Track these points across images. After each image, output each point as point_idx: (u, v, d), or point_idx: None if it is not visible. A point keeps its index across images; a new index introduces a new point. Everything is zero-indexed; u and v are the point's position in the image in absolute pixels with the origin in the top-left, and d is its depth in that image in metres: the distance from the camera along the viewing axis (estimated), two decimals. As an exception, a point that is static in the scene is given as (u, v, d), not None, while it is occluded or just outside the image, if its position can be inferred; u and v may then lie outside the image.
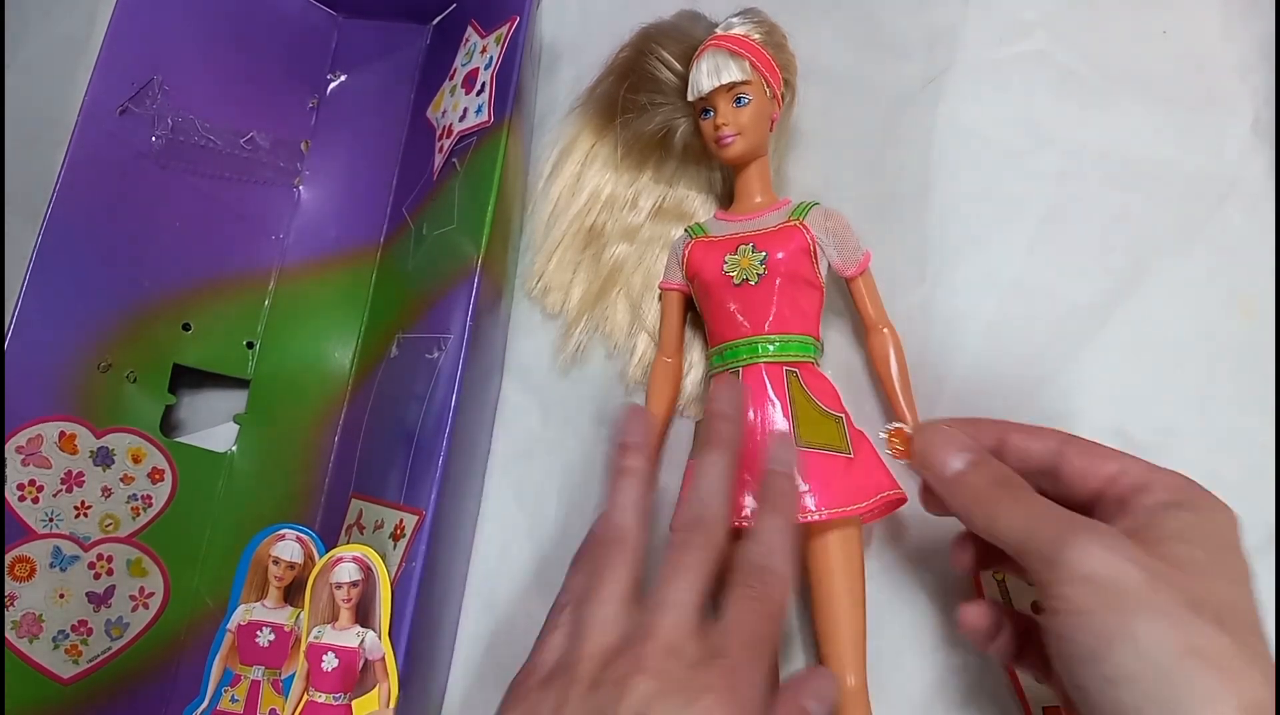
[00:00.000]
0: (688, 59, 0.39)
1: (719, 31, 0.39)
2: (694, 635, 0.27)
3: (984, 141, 0.42)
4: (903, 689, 0.36)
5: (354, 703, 0.34)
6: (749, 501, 0.34)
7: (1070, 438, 0.31)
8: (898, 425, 0.34)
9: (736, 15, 0.39)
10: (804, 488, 0.34)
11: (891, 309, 0.39)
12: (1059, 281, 0.40)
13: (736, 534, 0.32)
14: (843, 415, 0.37)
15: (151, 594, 0.40)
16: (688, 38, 0.39)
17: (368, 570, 0.36)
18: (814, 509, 0.34)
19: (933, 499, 0.33)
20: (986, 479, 0.30)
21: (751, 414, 0.36)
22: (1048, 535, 0.27)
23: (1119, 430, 0.38)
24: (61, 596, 0.37)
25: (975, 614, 0.31)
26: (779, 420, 0.36)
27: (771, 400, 0.36)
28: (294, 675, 0.36)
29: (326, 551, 0.37)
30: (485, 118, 0.42)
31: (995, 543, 0.29)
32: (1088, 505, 0.29)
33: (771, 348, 0.37)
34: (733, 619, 0.28)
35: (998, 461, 0.31)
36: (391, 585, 0.35)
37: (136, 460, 0.41)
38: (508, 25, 0.43)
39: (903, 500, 0.35)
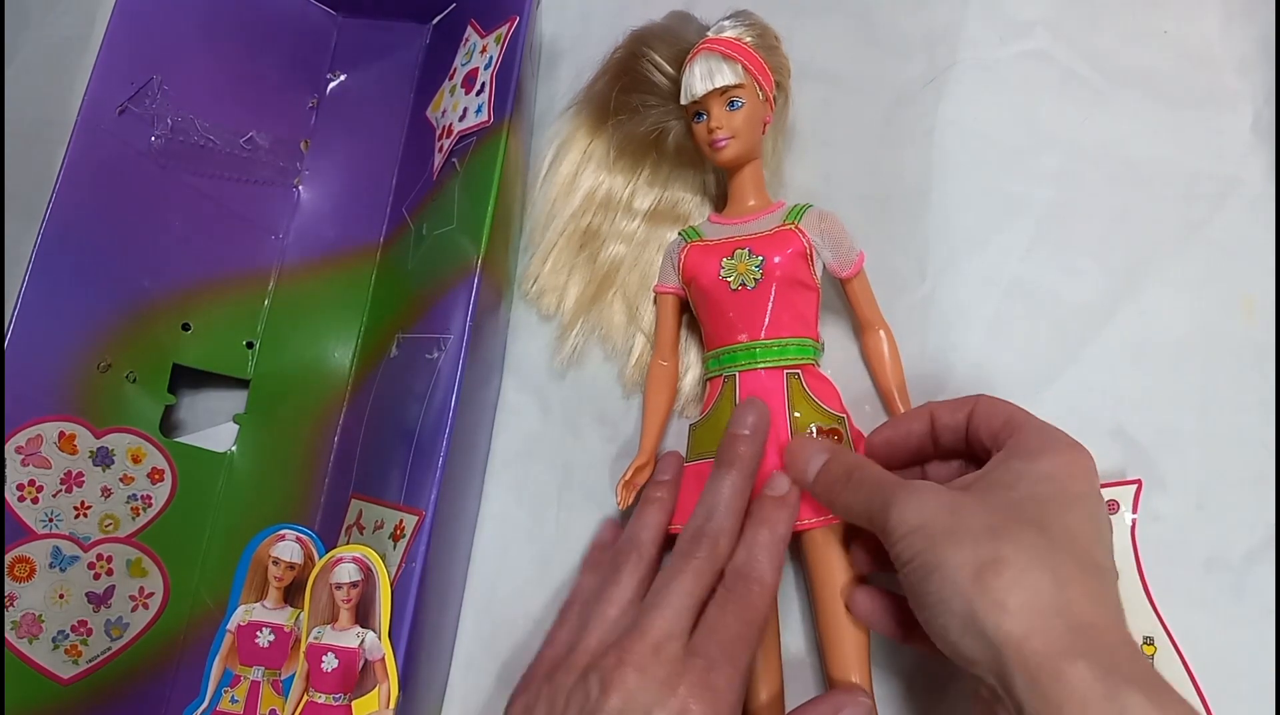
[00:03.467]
0: (679, 62, 0.39)
1: (711, 34, 0.39)
2: (680, 635, 0.29)
3: (984, 141, 0.43)
4: (905, 688, 0.36)
5: (354, 703, 0.34)
6: None
7: (980, 399, 0.33)
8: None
9: (728, 18, 0.39)
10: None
11: (891, 309, 0.39)
12: (1059, 281, 0.40)
13: None
14: (845, 416, 0.37)
15: (151, 594, 0.40)
16: (679, 40, 0.39)
17: (368, 571, 0.36)
18: (824, 514, 0.34)
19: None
20: (836, 472, 0.32)
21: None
22: (878, 505, 0.29)
23: (1119, 430, 0.38)
24: (61, 596, 0.37)
25: (861, 598, 0.34)
26: (780, 423, 0.36)
27: (773, 404, 0.36)
28: (294, 676, 0.36)
29: (326, 552, 0.37)
30: (485, 118, 0.42)
31: (856, 524, 0.31)
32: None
33: (769, 353, 0.37)
34: (713, 621, 0.30)
35: (849, 453, 0.33)
36: (391, 585, 0.35)
37: (136, 460, 0.41)
38: (507, 25, 0.43)
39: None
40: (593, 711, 0.28)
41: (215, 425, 0.45)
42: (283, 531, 0.39)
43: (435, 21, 0.50)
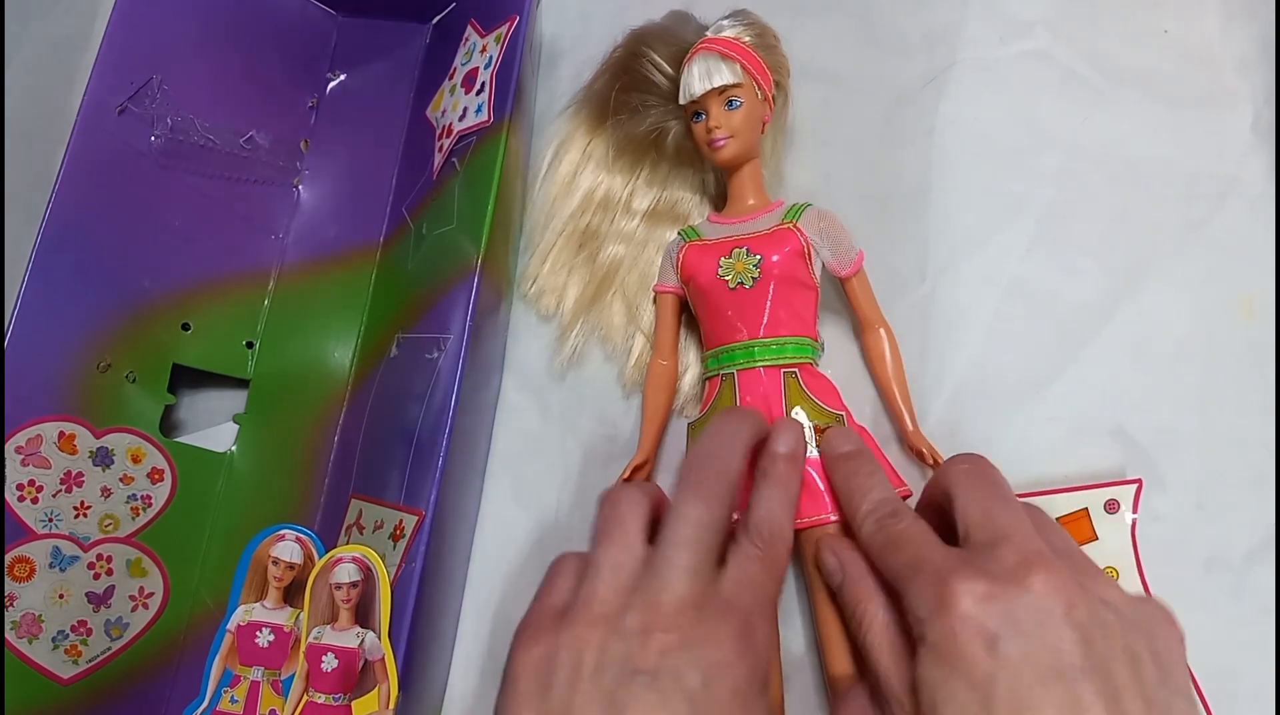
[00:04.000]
0: (678, 62, 0.39)
1: (710, 34, 0.39)
2: (713, 584, 0.28)
3: (984, 141, 0.43)
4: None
5: (354, 703, 0.34)
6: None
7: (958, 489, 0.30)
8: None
9: (727, 18, 0.39)
10: (818, 488, 0.34)
11: (891, 308, 0.39)
12: (1059, 281, 0.40)
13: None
14: (844, 414, 0.37)
15: (151, 594, 0.40)
16: (678, 40, 0.39)
17: (367, 571, 0.36)
18: (824, 513, 0.34)
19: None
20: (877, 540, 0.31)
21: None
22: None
23: (1119, 430, 0.38)
24: (61, 596, 0.37)
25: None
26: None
27: (770, 403, 0.36)
28: (294, 676, 0.36)
29: (326, 552, 0.37)
30: (485, 117, 0.42)
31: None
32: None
33: (767, 352, 0.37)
34: (741, 573, 0.29)
35: (895, 514, 0.31)
36: (391, 585, 0.35)
37: (136, 460, 0.41)
38: (507, 24, 0.43)
39: (905, 497, 0.36)
40: (635, 670, 0.26)
41: (215, 425, 0.45)
42: (283, 531, 0.39)
43: (435, 21, 0.50)
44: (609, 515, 0.31)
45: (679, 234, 0.41)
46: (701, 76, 0.37)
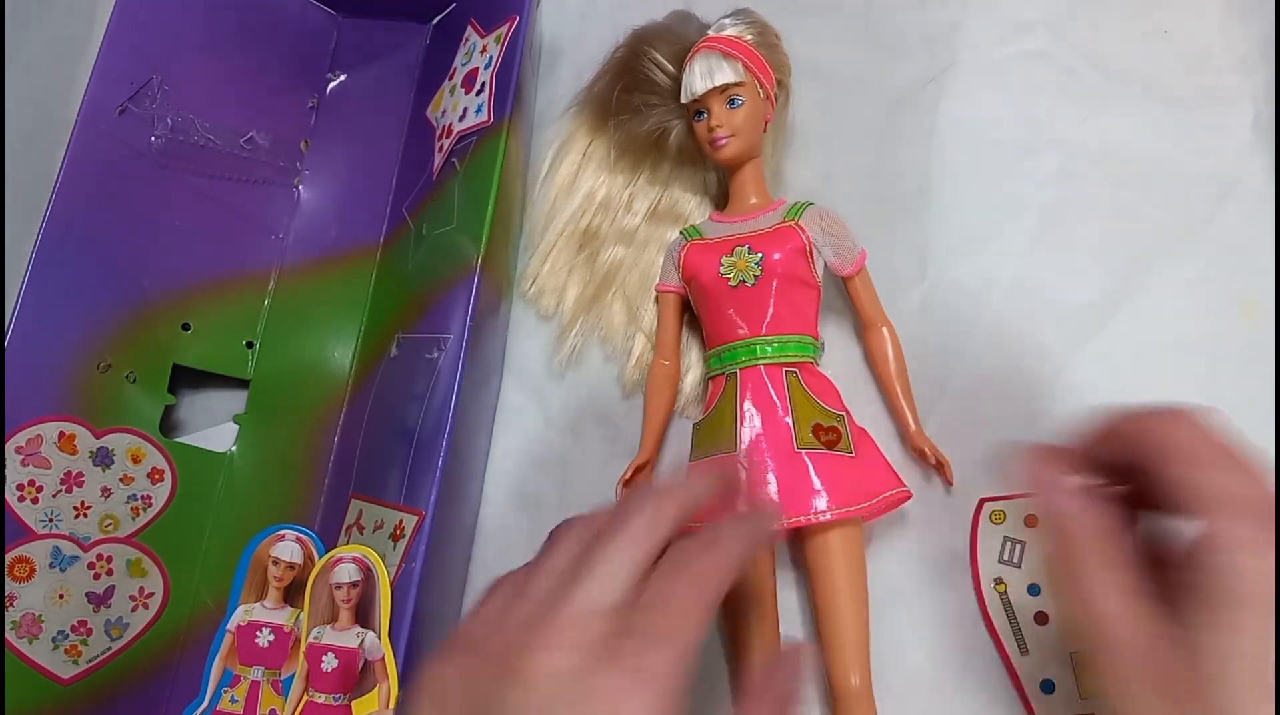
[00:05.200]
0: (680, 61, 0.39)
1: (711, 33, 0.39)
2: (609, 608, 0.25)
3: (984, 141, 0.43)
4: (905, 688, 0.36)
5: (354, 703, 0.34)
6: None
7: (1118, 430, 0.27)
8: None
9: (728, 16, 0.39)
10: (816, 486, 0.34)
11: (892, 308, 0.39)
12: (1059, 281, 0.40)
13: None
14: (845, 413, 0.37)
15: (151, 594, 0.40)
16: (680, 39, 0.39)
17: (367, 571, 0.36)
18: (822, 509, 0.34)
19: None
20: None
21: (755, 417, 0.36)
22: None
23: (1119, 430, 0.38)
24: (61, 597, 0.37)
25: None
26: (780, 421, 0.36)
27: (773, 401, 0.36)
28: (294, 676, 0.36)
29: (326, 552, 0.37)
30: (485, 118, 0.42)
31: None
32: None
33: (770, 349, 0.37)
34: (659, 591, 0.25)
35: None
36: (391, 585, 0.35)
37: (136, 460, 0.41)
38: (507, 25, 0.43)
39: (905, 497, 0.36)
40: (500, 703, 0.23)
41: (215, 425, 0.45)
42: (283, 531, 0.39)
43: (435, 21, 0.50)
44: (552, 547, 0.28)
45: (680, 233, 0.41)
46: (703, 75, 0.37)
